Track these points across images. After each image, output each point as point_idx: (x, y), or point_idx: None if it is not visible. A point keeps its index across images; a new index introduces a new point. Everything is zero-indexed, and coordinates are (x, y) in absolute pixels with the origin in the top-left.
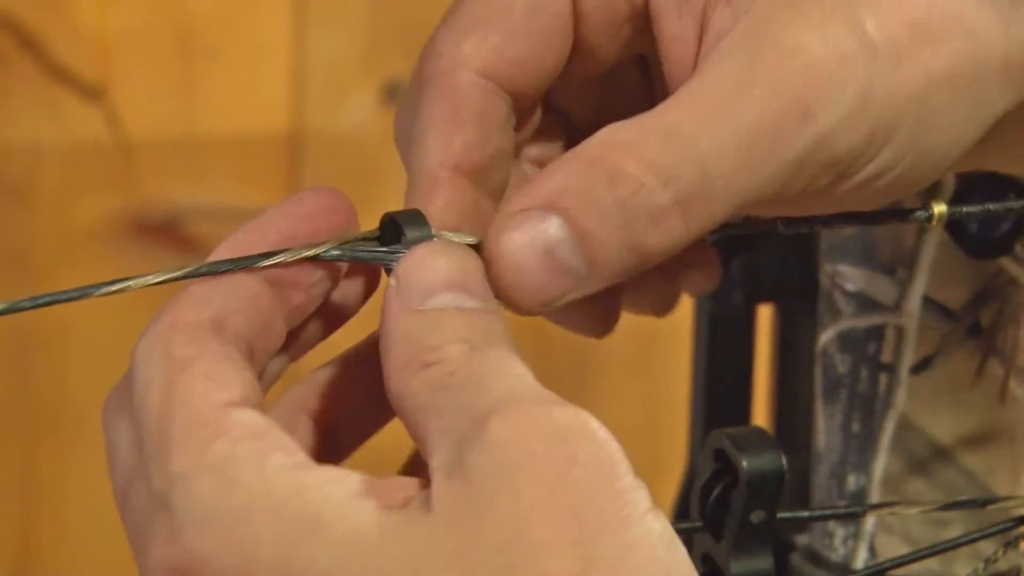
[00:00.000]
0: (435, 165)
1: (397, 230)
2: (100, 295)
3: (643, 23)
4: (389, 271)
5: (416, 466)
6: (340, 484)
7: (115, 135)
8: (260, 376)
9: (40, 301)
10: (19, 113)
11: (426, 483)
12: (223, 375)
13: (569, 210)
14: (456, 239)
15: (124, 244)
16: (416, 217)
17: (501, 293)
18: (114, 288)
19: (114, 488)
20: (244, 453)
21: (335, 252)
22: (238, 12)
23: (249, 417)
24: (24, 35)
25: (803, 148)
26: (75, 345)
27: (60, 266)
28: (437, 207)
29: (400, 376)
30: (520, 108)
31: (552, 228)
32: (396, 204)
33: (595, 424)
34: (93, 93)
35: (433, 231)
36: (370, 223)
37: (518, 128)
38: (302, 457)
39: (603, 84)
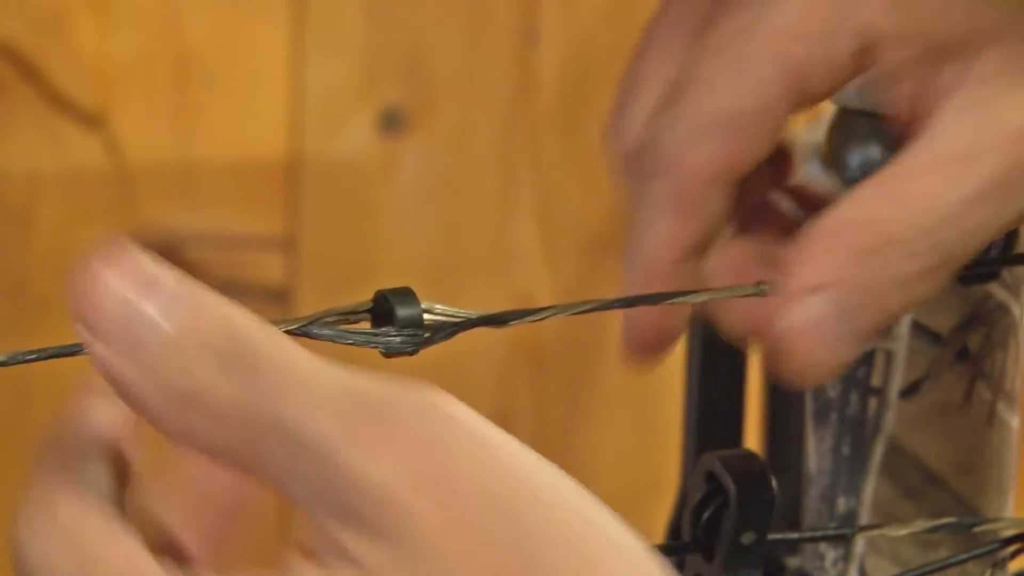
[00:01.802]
0: (658, 258)
1: (389, 307)
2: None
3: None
4: (384, 354)
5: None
6: None
7: (114, 162)
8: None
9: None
10: (18, 140)
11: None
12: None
13: (838, 290)
14: (449, 314)
15: None
16: (408, 295)
17: (793, 371)
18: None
19: None
20: None
21: (326, 332)
22: (236, 39)
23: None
24: (24, 63)
25: None
26: (75, 375)
27: (59, 293)
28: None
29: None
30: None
31: (829, 307)
32: (392, 231)
33: (436, 395)
34: (92, 121)
35: (423, 305)
36: (366, 252)
37: None
38: None
39: None
